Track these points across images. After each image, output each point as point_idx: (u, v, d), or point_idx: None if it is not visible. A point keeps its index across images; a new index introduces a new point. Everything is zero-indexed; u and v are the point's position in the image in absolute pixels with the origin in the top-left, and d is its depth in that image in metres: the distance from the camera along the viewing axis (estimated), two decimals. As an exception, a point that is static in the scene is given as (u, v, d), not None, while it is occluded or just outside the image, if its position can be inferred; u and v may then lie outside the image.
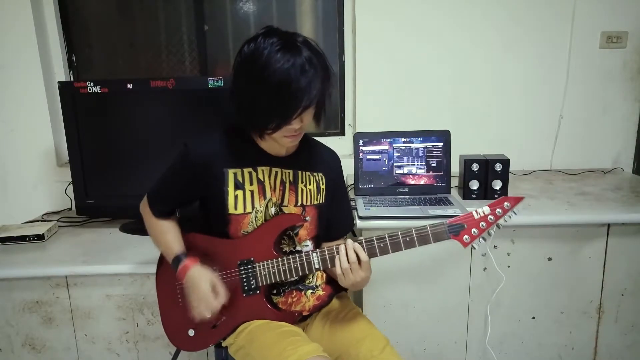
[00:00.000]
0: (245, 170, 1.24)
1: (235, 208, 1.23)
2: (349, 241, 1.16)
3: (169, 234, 1.28)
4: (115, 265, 1.52)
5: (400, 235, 1.15)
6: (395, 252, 1.15)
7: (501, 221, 1.13)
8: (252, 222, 1.24)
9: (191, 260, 1.22)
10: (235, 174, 1.23)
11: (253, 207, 1.23)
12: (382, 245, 1.15)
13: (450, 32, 2.11)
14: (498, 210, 1.12)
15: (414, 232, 1.14)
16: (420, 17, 2.10)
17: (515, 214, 1.13)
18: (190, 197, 1.30)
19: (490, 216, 1.12)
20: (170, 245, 1.26)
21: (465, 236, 1.13)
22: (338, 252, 1.16)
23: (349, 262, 1.14)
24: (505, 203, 1.12)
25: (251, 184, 1.23)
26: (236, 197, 1.23)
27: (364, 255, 1.14)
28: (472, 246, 1.14)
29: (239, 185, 1.23)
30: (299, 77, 1.06)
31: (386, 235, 1.15)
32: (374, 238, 1.16)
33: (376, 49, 2.12)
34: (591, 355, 1.72)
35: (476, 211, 1.13)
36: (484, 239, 1.14)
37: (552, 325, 1.70)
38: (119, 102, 1.74)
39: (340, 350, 1.22)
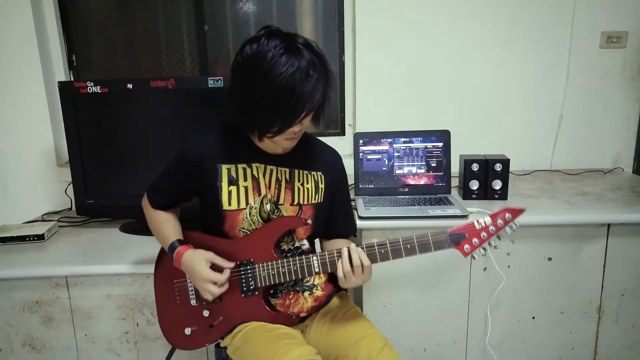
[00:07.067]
0: (240, 166, 1.24)
1: (229, 204, 1.23)
2: (353, 245, 1.16)
3: (166, 224, 1.29)
4: (115, 265, 1.52)
5: (401, 242, 1.15)
6: (395, 258, 1.16)
7: (503, 232, 1.13)
8: (246, 218, 1.24)
9: (184, 246, 1.23)
10: (228, 170, 1.23)
11: (247, 203, 1.23)
12: (382, 251, 1.15)
13: (450, 31, 2.11)
14: (499, 221, 1.12)
15: (415, 240, 1.14)
16: (420, 17, 2.10)
17: (517, 226, 1.12)
18: (186, 193, 1.31)
19: (491, 227, 1.12)
20: (167, 235, 1.26)
21: (466, 246, 1.13)
22: (340, 256, 1.16)
23: (352, 265, 1.14)
24: (507, 214, 1.12)
25: (245, 179, 1.23)
26: (230, 192, 1.23)
27: (366, 260, 1.15)
28: (472, 256, 1.14)
29: (232, 181, 1.23)
30: (303, 82, 1.05)
31: (387, 242, 1.15)
32: (375, 244, 1.16)
33: (376, 49, 2.12)
34: (591, 355, 1.72)
35: (477, 221, 1.13)
36: (485, 250, 1.14)
37: (552, 325, 1.70)
38: (119, 102, 1.74)
39: (339, 351, 1.21)
